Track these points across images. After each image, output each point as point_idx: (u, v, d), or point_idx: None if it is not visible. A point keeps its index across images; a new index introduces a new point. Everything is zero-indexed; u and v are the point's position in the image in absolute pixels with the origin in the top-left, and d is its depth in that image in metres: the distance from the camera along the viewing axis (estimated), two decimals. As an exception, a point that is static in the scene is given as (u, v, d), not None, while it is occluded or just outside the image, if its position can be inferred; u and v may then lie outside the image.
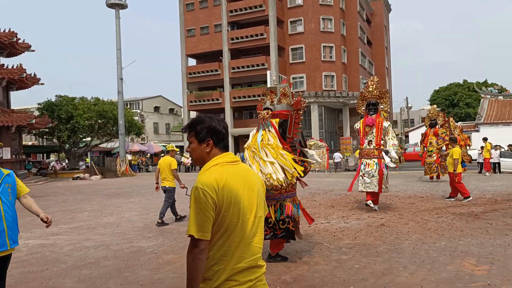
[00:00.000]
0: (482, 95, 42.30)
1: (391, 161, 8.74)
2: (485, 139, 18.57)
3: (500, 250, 5.42)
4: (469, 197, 9.91)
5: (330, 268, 4.91)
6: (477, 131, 36.60)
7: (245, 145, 5.43)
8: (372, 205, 8.71)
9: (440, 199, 10.40)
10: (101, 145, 33.93)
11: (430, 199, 10.51)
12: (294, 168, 4.91)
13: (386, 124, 8.96)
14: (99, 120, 28.89)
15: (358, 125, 9.32)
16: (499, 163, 18.61)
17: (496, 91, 42.73)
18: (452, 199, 10.07)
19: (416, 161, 29.20)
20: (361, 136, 9.12)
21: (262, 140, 5.16)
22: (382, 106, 9.20)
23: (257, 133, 5.35)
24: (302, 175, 5.09)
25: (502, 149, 19.42)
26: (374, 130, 8.93)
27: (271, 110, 5.46)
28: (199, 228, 1.77)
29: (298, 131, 5.65)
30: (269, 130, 5.28)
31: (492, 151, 18.61)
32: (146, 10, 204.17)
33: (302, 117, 5.79)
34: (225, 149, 1.98)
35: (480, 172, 18.63)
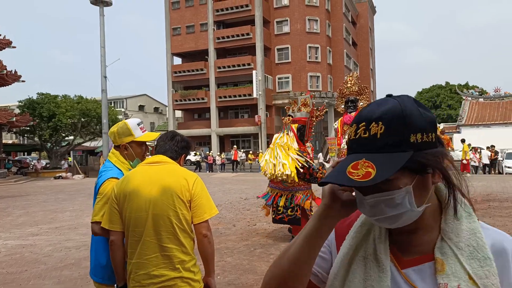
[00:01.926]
0: (464, 97, 43.17)
1: None
2: (463, 141, 18.73)
3: (479, 249, 5.52)
4: None
5: (313, 267, 4.92)
6: (459, 132, 37.32)
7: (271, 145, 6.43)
8: None
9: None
10: (84, 144, 33.43)
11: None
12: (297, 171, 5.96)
13: None
14: (82, 119, 28.46)
15: (336, 124, 8.83)
16: (489, 164, 19.04)
17: (477, 93, 43.65)
18: None
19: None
20: (339, 136, 8.60)
21: (277, 141, 6.23)
22: (361, 103, 8.66)
23: (278, 135, 6.43)
24: (296, 179, 5.95)
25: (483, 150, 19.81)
26: None
27: (292, 117, 6.51)
28: (108, 220, 1.99)
29: (311, 135, 6.82)
30: (287, 133, 6.31)
31: (483, 152, 19.01)
32: (132, 8, 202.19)
33: (315, 123, 6.91)
34: (158, 153, 2.13)
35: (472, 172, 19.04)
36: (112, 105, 52.91)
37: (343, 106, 8.89)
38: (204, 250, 1.99)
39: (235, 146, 31.23)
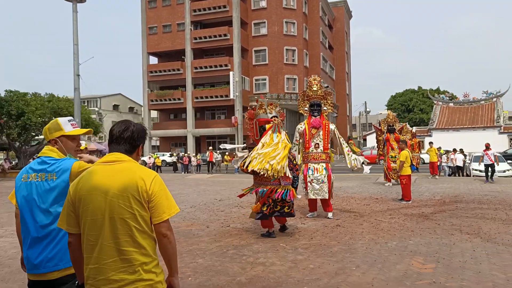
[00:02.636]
0: (435, 102, 44.52)
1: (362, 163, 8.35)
2: (431, 144, 19.20)
3: (445, 249, 5.70)
4: (409, 201, 10.31)
5: (285, 268, 4.95)
6: (430, 135, 38.40)
7: (264, 142, 6.63)
8: (312, 215, 8.60)
9: (393, 200, 10.79)
10: (55, 144, 32.49)
11: (384, 200, 10.88)
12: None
13: (332, 126, 8.53)
14: (53, 117, 27.66)
15: (302, 126, 8.69)
16: (462, 167, 19.70)
17: (447, 98, 45.10)
18: (406, 202, 10.44)
19: (373, 164, 30.16)
20: (307, 139, 8.51)
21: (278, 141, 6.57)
22: (325, 108, 8.72)
23: (272, 135, 6.66)
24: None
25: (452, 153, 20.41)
26: (321, 133, 8.42)
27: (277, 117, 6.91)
28: (66, 222, 1.95)
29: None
30: (281, 132, 6.73)
31: (458, 155, 19.66)
32: (107, 5, 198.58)
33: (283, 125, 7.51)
34: (113, 150, 2.01)
35: (450, 175, 19.57)
36: (86, 104, 51.75)
37: (306, 109, 8.88)
38: (165, 250, 1.94)
39: (210, 147, 31.02)
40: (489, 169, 15.60)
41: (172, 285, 2.01)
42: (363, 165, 8.50)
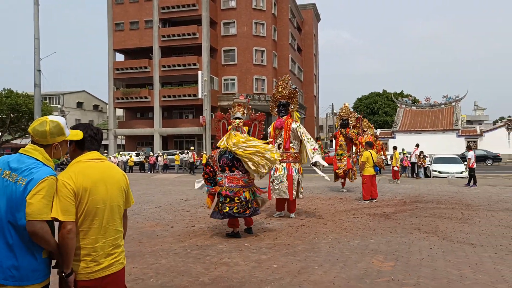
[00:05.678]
0: (398, 105, 45.98)
1: (320, 169, 8.32)
2: (394, 148, 19.14)
3: (404, 247, 5.88)
4: (367, 201, 10.61)
5: (249, 268, 4.95)
6: (393, 138, 39.63)
7: (223, 144, 6.61)
8: (280, 214, 8.62)
9: (357, 200, 11.04)
10: (14, 142, 31.18)
11: (349, 200, 11.11)
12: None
13: (294, 125, 8.43)
14: (11, 114, 26.55)
15: (270, 128, 8.80)
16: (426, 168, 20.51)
17: (410, 101, 46.70)
18: (373, 200, 10.71)
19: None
20: (271, 140, 8.52)
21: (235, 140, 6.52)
22: (292, 107, 8.74)
23: (231, 135, 6.63)
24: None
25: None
26: (283, 133, 8.47)
27: (243, 120, 6.87)
28: (63, 212, 2.14)
29: (261, 136, 7.36)
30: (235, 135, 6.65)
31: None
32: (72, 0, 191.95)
33: (263, 126, 7.48)
34: (88, 149, 2.38)
35: (412, 176, 20.17)
36: (47, 100, 49.87)
37: (276, 110, 8.92)
38: (125, 225, 2.57)
39: (192, 147, 30.39)
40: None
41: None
42: (318, 168, 8.46)
